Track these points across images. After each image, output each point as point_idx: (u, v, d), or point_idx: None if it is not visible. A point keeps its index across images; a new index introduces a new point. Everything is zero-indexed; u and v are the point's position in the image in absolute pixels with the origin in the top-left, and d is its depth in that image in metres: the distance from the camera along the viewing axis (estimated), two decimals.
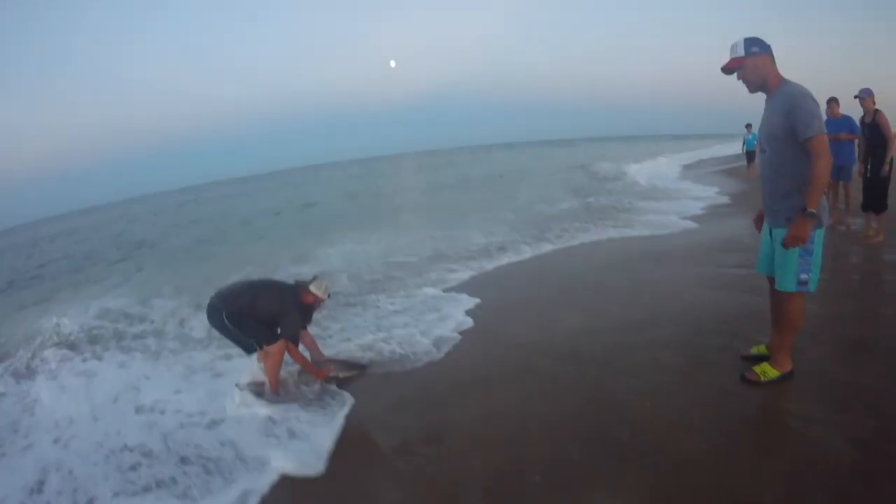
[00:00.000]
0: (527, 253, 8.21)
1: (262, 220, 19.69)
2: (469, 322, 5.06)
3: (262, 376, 4.05)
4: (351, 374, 4.19)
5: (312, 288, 4.05)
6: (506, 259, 7.88)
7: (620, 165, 25.89)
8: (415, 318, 5.33)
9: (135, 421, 3.88)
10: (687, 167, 25.55)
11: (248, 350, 3.99)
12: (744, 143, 17.29)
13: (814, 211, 2.64)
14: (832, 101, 7.31)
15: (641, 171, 22.14)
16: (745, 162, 17.58)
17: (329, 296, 4.15)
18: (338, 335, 5.14)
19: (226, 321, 3.87)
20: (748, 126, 16.80)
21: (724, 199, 12.00)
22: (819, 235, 2.76)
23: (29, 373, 5.24)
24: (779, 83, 2.81)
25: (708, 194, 13.31)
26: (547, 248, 8.48)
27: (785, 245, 2.73)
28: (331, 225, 14.13)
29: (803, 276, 2.80)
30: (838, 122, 7.10)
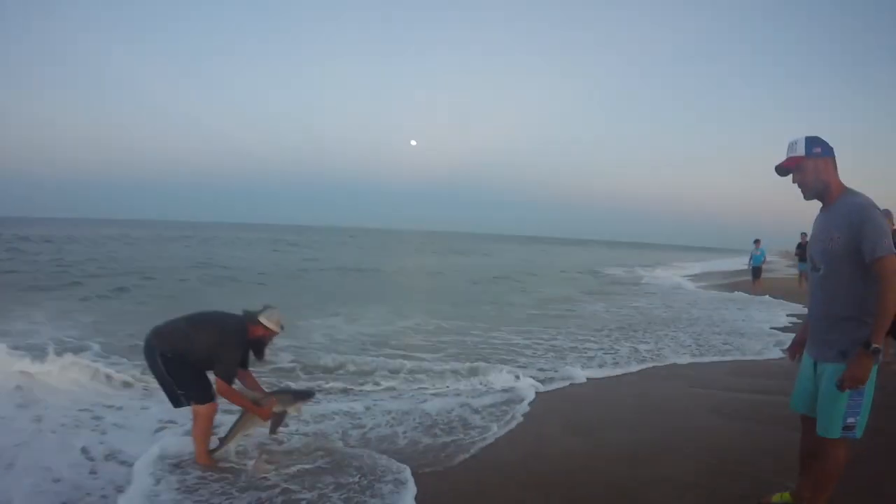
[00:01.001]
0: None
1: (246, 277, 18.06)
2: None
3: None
4: (298, 406, 3.70)
5: (263, 319, 3.50)
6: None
7: (634, 272, 26.21)
8: None
9: None
10: (694, 277, 25.57)
11: (175, 403, 3.47)
12: (751, 259, 17.24)
13: (879, 347, 2.20)
14: (887, 214, 7.12)
15: (654, 279, 22.33)
16: (750, 277, 17.50)
17: (282, 328, 3.61)
18: None
19: (159, 362, 3.39)
20: (757, 241, 16.77)
21: None
22: (874, 372, 2.29)
23: None
24: (841, 192, 2.46)
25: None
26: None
27: (842, 387, 2.26)
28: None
29: (850, 420, 2.33)
30: None
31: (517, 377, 5.78)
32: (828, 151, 2.45)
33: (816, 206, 2.56)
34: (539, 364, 6.73)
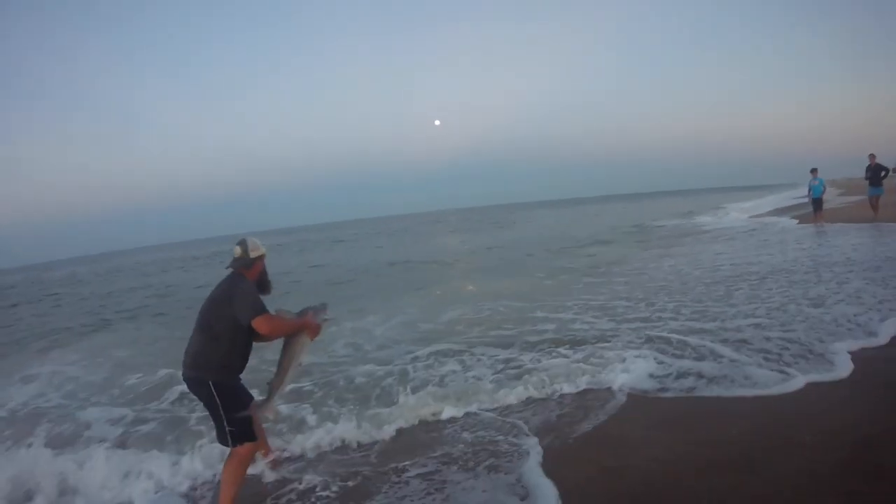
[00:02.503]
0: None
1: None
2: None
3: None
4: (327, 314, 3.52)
5: (251, 253, 3.31)
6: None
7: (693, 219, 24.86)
8: None
9: None
10: (769, 214, 24.61)
11: (224, 441, 3.20)
12: (810, 190, 16.26)
13: None
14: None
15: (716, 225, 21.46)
16: (811, 210, 16.43)
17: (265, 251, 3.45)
18: None
19: (214, 394, 3.14)
20: (814, 171, 15.77)
21: None
22: None
23: None
24: None
25: None
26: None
27: None
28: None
29: None
30: None
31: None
32: None
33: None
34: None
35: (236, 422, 3.13)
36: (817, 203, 16.17)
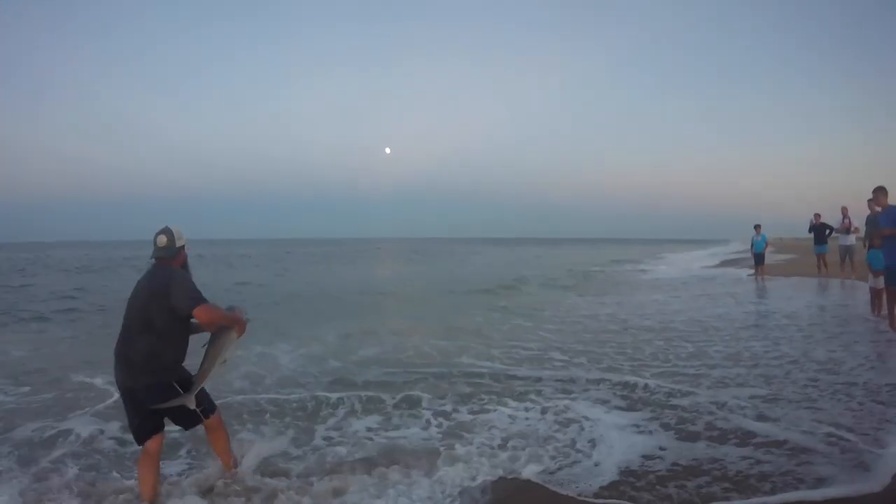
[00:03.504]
0: None
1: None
2: None
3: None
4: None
5: (178, 242, 3.21)
6: None
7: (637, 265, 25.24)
8: None
9: None
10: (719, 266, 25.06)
11: (196, 421, 3.26)
12: (752, 245, 16.73)
13: None
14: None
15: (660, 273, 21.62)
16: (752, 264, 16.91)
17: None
18: None
19: (178, 390, 3.11)
20: (757, 227, 16.18)
21: None
22: None
23: None
24: None
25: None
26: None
27: None
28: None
29: None
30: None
31: None
32: None
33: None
34: None
35: (197, 400, 3.17)
36: (759, 257, 16.67)
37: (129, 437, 3.30)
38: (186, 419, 3.23)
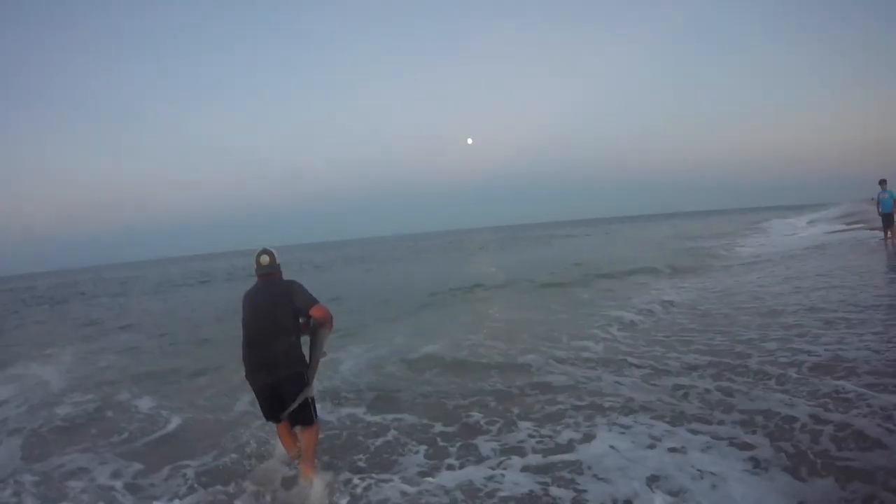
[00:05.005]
0: None
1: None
2: None
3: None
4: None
5: (277, 259, 3.73)
6: None
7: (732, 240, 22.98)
8: None
9: None
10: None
11: (315, 418, 3.70)
12: (878, 203, 13.95)
13: None
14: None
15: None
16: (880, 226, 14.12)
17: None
18: None
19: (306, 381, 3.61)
20: (882, 182, 13.55)
21: None
22: None
23: None
24: None
25: None
26: None
27: None
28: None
29: None
30: None
31: None
32: None
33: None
34: None
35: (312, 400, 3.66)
36: (887, 218, 13.85)
37: None
38: (306, 415, 3.61)
